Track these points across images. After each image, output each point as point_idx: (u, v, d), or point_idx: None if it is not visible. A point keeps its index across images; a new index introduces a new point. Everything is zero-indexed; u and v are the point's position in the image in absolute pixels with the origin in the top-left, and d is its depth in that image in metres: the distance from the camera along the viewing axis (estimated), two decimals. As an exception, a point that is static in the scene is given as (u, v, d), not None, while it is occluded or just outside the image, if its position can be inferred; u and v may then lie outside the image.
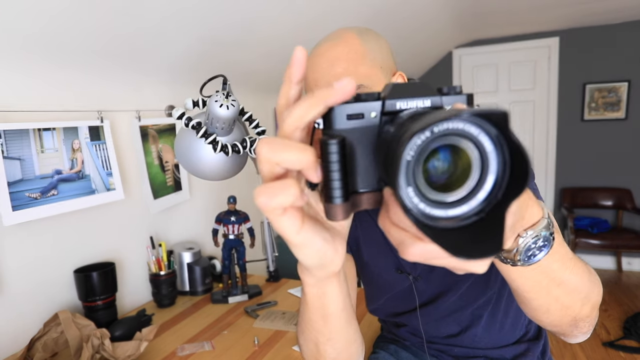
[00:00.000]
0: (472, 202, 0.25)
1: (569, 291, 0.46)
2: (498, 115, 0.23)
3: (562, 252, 0.43)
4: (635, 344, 2.27)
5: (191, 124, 1.01)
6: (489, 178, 0.25)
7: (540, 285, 0.44)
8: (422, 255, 0.28)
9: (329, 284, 0.42)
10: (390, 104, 0.29)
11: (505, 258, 0.39)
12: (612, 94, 3.24)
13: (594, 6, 2.68)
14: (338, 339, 0.50)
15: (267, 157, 0.28)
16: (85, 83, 1.18)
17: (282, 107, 0.32)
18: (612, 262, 3.41)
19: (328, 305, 0.44)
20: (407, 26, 2.32)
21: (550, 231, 0.38)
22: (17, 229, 1.01)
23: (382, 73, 0.70)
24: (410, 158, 0.23)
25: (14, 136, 0.98)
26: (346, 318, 0.48)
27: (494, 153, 0.24)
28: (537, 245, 0.38)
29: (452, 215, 0.25)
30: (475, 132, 0.24)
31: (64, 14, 0.92)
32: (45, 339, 0.96)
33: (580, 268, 0.47)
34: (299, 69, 0.31)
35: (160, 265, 1.29)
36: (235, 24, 1.36)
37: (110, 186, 1.21)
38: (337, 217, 0.31)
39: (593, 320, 0.52)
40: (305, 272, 0.40)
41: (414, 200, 0.24)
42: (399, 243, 0.29)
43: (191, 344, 1.04)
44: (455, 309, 0.78)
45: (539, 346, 0.80)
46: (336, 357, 0.53)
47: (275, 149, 0.27)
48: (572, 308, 0.48)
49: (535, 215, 0.38)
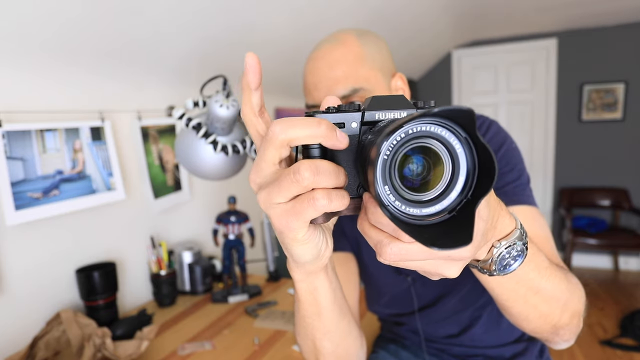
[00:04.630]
0: (445, 201, 0.27)
1: (546, 299, 0.47)
2: (464, 114, 0.24)
3: (537, 261, 0.45)
4: (632, 342, 2.28)
5: (191, 124, 1.02)
6: (459, 178, 0.27)
7: (517, 294, 0.46)
8: (399, 255, 0.29)
9: (317, 278, 0.43)
10: (370, 115, 0.31)
11: (482, 268, 0.41)
12: (609, 94, 3.25)
13: (592, 8, 2.69)
14: (333, 332, 0.51)
15: (280, 138, 0.28)
16: (87, 84, 1.19)
17: (248, 114, 0.33)
18: (609, 262, 3.43)
19: (319, 299, 0.45)
20: (406, 27, 2.33)
21: (523, 241, 0.40)
22: (20, 228, 1.02)
23: (381, 75, 0.70)
24: (386, 157, 0.25)
25: (17, 137, 0.98)
26: (339, 311, 0.49)
27: (463, 154, 0.26)
28: (511, 255, 0.39)
29: (426, 213, 0.27)
30: (445, 135, 0.26)
31: (66, 16, 0.93)
32: (47, 338, 0.97)
33: (557, 277, 0.48)
34: (254, 76, 0.31)
35: (161, 265, 1.30)
36: (235, 25, 1.37)
37: (111, 186, 1.21)
38: (317, 221, 0.33)
39: (574, 328, 0.53)
40: (295, 268, 0.41)
41: (390, 197, 0.26)
42: (376, 243, 0.30)
43: (192, 343, 1.05)
44: (455, 311, 0.78)
45: (537, 345, 0.81)
46: (334, 350, 0.54)
47: (289, 127, 0.28)
48: (551, 316, 0.49)
49: (507, 226, 0.39)
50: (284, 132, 0.28)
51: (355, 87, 0.66)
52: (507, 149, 0.69)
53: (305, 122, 0.28)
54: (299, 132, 0.28)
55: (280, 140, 0.28)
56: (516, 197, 0.64)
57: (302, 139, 0.29)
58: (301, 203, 0.29)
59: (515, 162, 0.68)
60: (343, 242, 0.80)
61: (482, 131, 0.72)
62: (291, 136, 0.28)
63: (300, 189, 0.28)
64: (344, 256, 0.79)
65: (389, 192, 0.26)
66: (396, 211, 0.26)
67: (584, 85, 3.31)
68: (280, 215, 0.30)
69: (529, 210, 0.63)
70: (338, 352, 0.55)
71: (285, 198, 0.29)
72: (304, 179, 0.27)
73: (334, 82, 0.67)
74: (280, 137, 0.28)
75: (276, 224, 0.31)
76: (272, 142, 0.29)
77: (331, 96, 0.34)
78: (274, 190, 0.29)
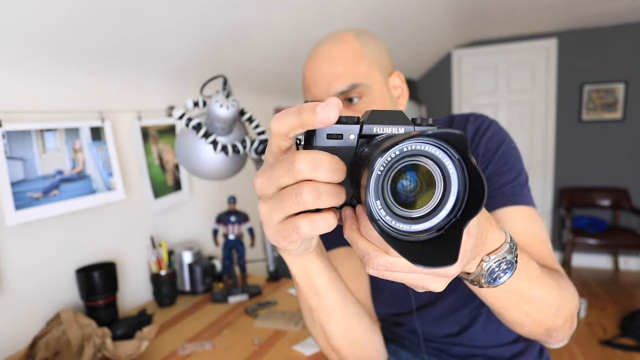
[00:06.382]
0: (434, 219, 0.28)
1: (538, 306, 0.48)
2: (457, 138, 0.25)
3: (528, 270, 0.46)
4: (631, 342, 2.28)
5: (191, 124, 1.02)
6: (450, 198, 0.27)
7: (510, 302, 0.47)
8: (385, 266, 0.30)
9: (308, 260, 0.45)
10: (368, 128, 0.31)
11: (472, 281, 0.41)
12: (609, 94, 3.25)
13: (592, 8, 2.69)
14: (337, 313, 0.52)
15: (278, 129, 0.30)
16: (87, 84, 1.19)
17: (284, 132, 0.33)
18: (609, 262, 3.43)
19: (314, 279, 0.47)
20: (406, 27, 2.33)
21: (513, 254, 0.40)
22: (20, 228, 1.02)
23: (379, 73, 0.71)
24: (380, 172, 0.26)
25: (17, 137, 0.98)
26: (338, 291, 0.51)
27: (455, 175, 0.27)
28: (501, 269, 0.40)
29: (416, 229, 0.27)
30: (439, 155, 0.26)
31: (66, 15, 0.93)
32: (47, 338, 0.97)
33: (549, 284, 0.48)
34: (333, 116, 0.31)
35: (161, 265, 1.30)
36: (235, 24, 1.37)
37: (111, 186, 1.21)
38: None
39: (568, 331, 0.54)
40: (286, 254, 0.43)
41: (381, 212, 0.27)
42: (364, 254, 0.31)
43: (192, 343, 1.05)
44: (454, 310, 0.78)
45: (537, 345, 0.81)
46: (342, 333, 0.55)
47: (280, 118, 0.30)
48: (544, 321, 0.50)
49: (496, 241, 0.40)
50: (277, 123, 0.30)
51: (354, 82, 0.68)
52: (506, 149, 0.69)
53: (289, 111, 0.30)
54: (288, 120, 0.30)
55: (275, 131, 0.30)
56: (514, 197, 0.64)
57: (293, 127, 0.30)
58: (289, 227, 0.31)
59: (514, 162, 0.68)
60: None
61: (481, 131, 0.72)
62: (283, 127, 0.30)
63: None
64: (349, 250, 0.78)
65: (380, 207, 0.26)
66: (386, 226, 0.27)
67: (584, 85, 3.31)
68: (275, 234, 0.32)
69: (526, 210, 0.64)
70: (348, 335, 0.56)
71: (283, 216, 0.31)
72: (300, 172, 0.28)
73: (333, 78, 0.68)
74: (274, 128, 0.31)
75: (271, 240, 0.34)
76: (272, 134, 0.31)
77: (332, 97, 0.34)
78: (275, 208, 0.31)
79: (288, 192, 0.29)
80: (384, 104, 0.71)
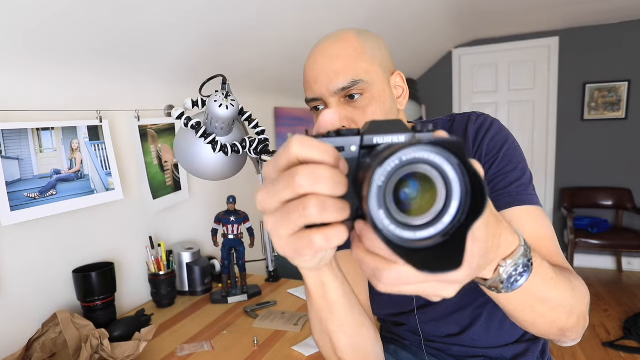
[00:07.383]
0: (439, 225, 0.28)
1: (553, 307, 0.48)
2: (456, 145, 0.26)
3: (542, 272, 0.45)
4: (635, 344, 2.27)
5: (190, 123, 1.01)
6: (453, 203, 0.28)
7: (524, 304, 0.47)
8: (397, 279, 0.30)
9: (323, 273, 0.45)
10: (368, 139, 0.32)
11: (490, 286, 0.41)
12: (612, 93, 3.24)
13: (594, 6, 2.68)
14: (346, 324, 0.53)
15: (294, 151, 0.29)
16: (85, 83, 1.18)
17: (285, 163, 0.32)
18: (612, 262, 3.41)
19: (329, 293, 0.47)
20: (407, 26, 2.32)
21: (528, 257, 0.40)
22: (16, 229, 1.01)
23: (381, 70, 0.71)
24: (381, 183, 0.26)
25: (13, 136, 0.97)
26: (349, 303, 0.51)
27: (457, 180, 0.27)
28: (517, 272, 0.40)
29: (420, 237, 0.28)
30: (439, 161, 0.27)
31: (63, 13, 0.92)
32: (43, 339, 0.96)
33: (563, 284, 0.48)
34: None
35: (160, 265, 1.29)
36: (234, 23, 1.36)
37: (110, 186, 1.20)
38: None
39: (581, 329, 0.54)
40: (301, 268, 0.43)
41: (385, 222, 0.27)
42: (374, 270, 0.31)
43: (190, 344, 1.04)
44: (455, 310, 0.77)
45: (539, 346, 0.80)
46: (350, 343, 0.56)
47: (307, 146, 0.29)
48: (557, 321, 0.50)
49: (511, 244, 0.40)
50: (300, 147, 0.29)
51: (355, 79, 0.67)
52: (508, 148, 0.69)
53: (323, 147, 0.29)
54: (313, 153, 0.29)
55: (294, 153, 0.29)
56: (520, 197, 0.64)
57: (313, 160, 0.30)
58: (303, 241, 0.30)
59: (517, 161, 0.68)
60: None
61: (483, 131, 0.72)
62: (305, 155, 0.29)
63: (307, 222, 0.29)
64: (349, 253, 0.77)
65: (383, 217, 0.27)
66: (390, 234, 0.27)
67: (587, 84, 3.29)
68: (285, 247, 0.31)
69: (533, 210, 0.63)
70: (354, 344, 0.56)
71: (291, 230, 0.30)
72: (300, 186, 0.28)
73: (334, 75, 0.67)
74: (295, 150, 0.29)
75: (281, 252, 0.33)
76: (286, 151, 0.30)
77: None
78: (282, 222, 0.30)
79: (294, 205, 0.29)
80: (385, 101, 0.70)
